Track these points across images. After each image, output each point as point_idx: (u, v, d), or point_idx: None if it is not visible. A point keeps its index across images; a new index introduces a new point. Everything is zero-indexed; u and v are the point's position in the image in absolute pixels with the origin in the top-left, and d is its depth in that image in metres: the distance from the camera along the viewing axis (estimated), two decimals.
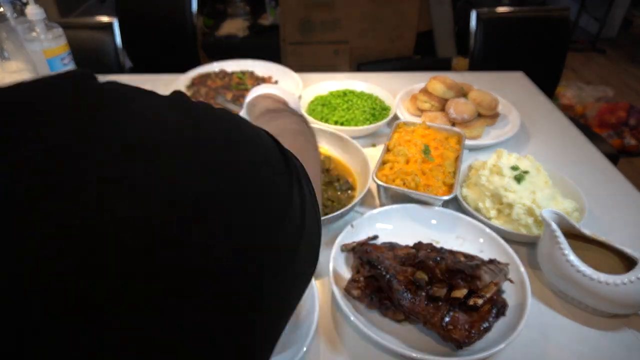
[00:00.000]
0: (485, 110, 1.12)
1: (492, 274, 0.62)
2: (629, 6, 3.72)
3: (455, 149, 0.93)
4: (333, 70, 1.56)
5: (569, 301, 0.69)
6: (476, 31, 1.66)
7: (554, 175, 0.88)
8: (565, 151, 1.07)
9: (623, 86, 3.17)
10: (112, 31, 1.58)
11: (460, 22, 2.71)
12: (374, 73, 1.47)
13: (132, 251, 0.19)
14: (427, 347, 0.61)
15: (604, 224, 0.85)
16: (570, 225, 0.70)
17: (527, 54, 1.72)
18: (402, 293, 0.62)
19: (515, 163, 0.85)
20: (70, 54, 1.22)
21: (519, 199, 0.79)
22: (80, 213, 0.18)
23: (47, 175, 0.19)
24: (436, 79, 1.15)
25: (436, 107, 1.14)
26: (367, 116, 1.12)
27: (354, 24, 2.36)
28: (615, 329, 0.65)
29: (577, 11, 3.58)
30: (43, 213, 0.18)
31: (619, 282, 0.62)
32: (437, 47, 2.68)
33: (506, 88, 1.32)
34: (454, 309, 0.61)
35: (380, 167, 0.87)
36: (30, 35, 1.14)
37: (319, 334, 0.65)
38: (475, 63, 1.70)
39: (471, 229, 0.79)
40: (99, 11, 3.26)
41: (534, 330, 0.65)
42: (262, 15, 3.39)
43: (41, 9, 1.13)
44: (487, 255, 0.72)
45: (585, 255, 0.67)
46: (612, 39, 3.78)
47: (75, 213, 0.18)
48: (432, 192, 0.81)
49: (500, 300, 0.63)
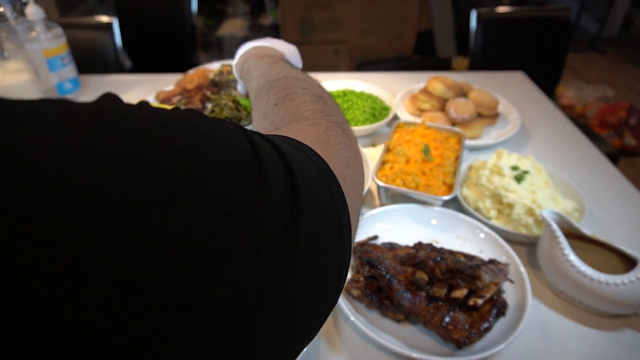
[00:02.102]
0: (485, 110, 1.12)
1: (492, 274, 0.62)
2: (629, 6, 3.72)
3: (455, 149, 0.93)
4: (333, 70, 1.56)
5: (569, 301, 0.69)
6: (476, 31, 1.66)
7: (554, 175, 0.88)
8: (565, 151, 1.07)
9: (623, 86, 3.17)
10: (111, 31, 1.58)
11: (460, 22, 2.71)
12: (374, 73, 1.47)
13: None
14: (427, 347, 0.61)
15: (604, 224, 0.85)
16: (570, 225, 0.70)
17: (527, 54, 1.72)
18: (402, 293, 0.62)
19: (515, 163, 0.85)
20: (70, 53, 1.22)
21: (519, 199, 0.79)
22: None
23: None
24: (436, 79, 1.15)
25: (436, 107, 1.14)
26: (367, 116, 1.12)
27: (354, 24, 2.36)
28: (615, 329, 0.65)
29: (577, 11, 3.58)
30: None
31: (619, 282, 0.62)
32: (437, 47, 2.68)
33: (506, 88, 1.32)
34: (454, 309, 0.61)
35: (380, 167, 0.87)
36: (30, 35, 1.14)
37: (319, 333, 0.65)
38: (475, 63, 1.70)
39: (471, 229, 0.79)
40: (99, 11, 3.26)
41: (534, 330, 0.65)
42: (262, 15, 3.39)
43: (41, 8, 1.13)
44: (487, 255, 0.72)
45: (585, 255, 0.67)
46: (612, 39, 3.78)
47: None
48: (432, 192, 0.81)
49: (500, 300, 0.63)
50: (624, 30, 3.85)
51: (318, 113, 0.40)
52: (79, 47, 1.34)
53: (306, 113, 0.40)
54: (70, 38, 1.23)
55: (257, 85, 0.52)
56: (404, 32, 2.41)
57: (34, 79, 1.16)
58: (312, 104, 0.42)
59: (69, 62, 1.23)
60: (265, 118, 0.45)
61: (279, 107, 0.44)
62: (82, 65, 1.31)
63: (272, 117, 0.43)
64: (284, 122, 0.41)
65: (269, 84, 0.48)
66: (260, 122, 0.47)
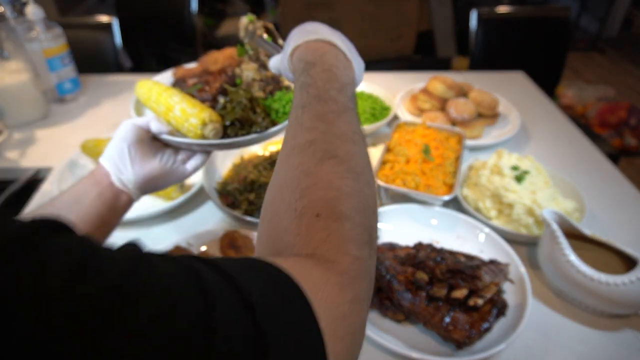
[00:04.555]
0: (486, 110, 1.12)
1: (492, 274, 0.62)
2: (629, 6, 3.72)
3: (455, 149, 0.93)
4: None
5: (569, 301, 0.69)
6: (476, 31, 1.66)
7: (554, 175, 0.88)
8: (565, 151, 1.07)
9: (623, 86, 3.16)
10: (111, 31, 1.58)
11: (460, 22, 2.71)
12: (374, 73, 1.47)
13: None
14: (427, 347, 0.61)
15: (604, 224, 0.84)
16: (571, 225, 0.70)
17: (527, 54, 1.72)
18: (402, 293, 0.62)
19: (515, 163, 0.85)
20: (69, 53, 1.23)
21: (519, 199, 0.79)
22: None
23: None
24: (436, 78, 1.15)
25: (436, 107, 1.14)
26: (367, 116, 1.12)
27: (354, 24, 2.36)
28: (615, 329, 0.65)
29: (577, 11, 3.58)
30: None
31: (619, 282, 0.62)
32: (437, 47, 2.68)
33: (506, 88, 1.32)
34: (454, 309, 0.61)
35: (380, 167, 0.87)
36: (29, 35, 1.14)
37: None
38: (475, 63, 1.70)
39: (471, 229, 0.79)
40: (99, 11, 3.25)
41: (534, 330, 0.65)
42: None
43: (40, 8, 1.13)
44: (487, 255, 0.72)
45: (586, 255, 0.67)
46: (612, 39, 3.78)
47: None
48: (432, 192, 0.81)
49: (501, 300, 0.63)
50: (624, 30, 3.85)
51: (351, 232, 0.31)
52: (79, 47, 1.34)
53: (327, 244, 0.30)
54: (70, 38, 1.23)
55: (301, 103, 0.40)
56: (404, 32, 2.41)
57: (33, 78, 1.16)
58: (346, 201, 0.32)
59: (69, 62, 1.23)
60: (292, 157, 0.36)
61: (305, 179, 0.34)
62: (82, 65, 1.31)
63: (296, 179, 0.34)
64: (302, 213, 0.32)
65: (307, 137, 0.37)
66: (289, 150, 0.37)
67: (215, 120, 0.62)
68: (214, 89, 0.70)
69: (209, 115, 0.62)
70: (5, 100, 1.13)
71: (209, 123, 0.61)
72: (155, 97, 0.66)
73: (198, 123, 0.61)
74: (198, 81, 0.73)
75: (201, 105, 0.64)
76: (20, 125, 1.17)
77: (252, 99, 0.68)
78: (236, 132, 0.65)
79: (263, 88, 0.72)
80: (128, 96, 1.32)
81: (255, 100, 0.68)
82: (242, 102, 0.66)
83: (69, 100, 1.28)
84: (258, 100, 0.69)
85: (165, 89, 0.67)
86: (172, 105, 0.64)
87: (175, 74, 0.78)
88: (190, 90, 0.70)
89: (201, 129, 0.61)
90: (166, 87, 0.67)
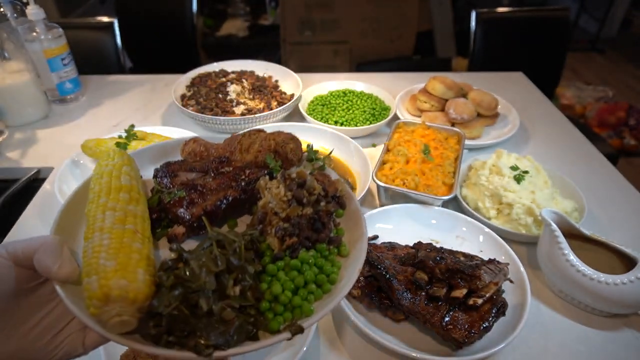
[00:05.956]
0: (485, 110, 1.12)
1: (492, 274, 0.62)
2: (628, 6, 3.73)
3: (455, 149, 0.93)
4: (333, 70, 1.57)
5: (569, 301, 0.69)
6: (476, 31, 1.66)
7: (553, 175, 0.88)
8: (565, 151, 1.07)
9: (623, 86, 3.17)
10: (112, 31, 1.58)
11: (460, 22, 2.71)
12: (374, 73, 1.47)
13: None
14: (427, 347, 0.61)
15: (604, 224, 0.85)
16: (570, 225, 0.70)
17: (527, 54, 1.73)
18: (402, 293, 0.62)
19: (514, 163, 0.86)
20: (70, 54, 1.23)
21: (518, 198, 0.79)
22: None
23: None
24: (436, 79, 1.15)
25: (436, 107, 1.14)
26: (367, 116, 1.12)
27: (354, 24, 2.36)
28: (615, 329, 0.66)
29: (577, 11, 3.59)
30: None
31: (618, 282, 0.62)
32: (437, 47, 2.68)
33: (506, 88, 1.32)
34: (454, 309, 0.61)
35: (380, 167, 0.87)
36: (30, 35, 1.14)
37: (319, 333, 0.65)
38: (475, 63, 1.70)
39: (471, 228, 0.79)
40: (99, 11, 3.26)
41: (534, 330, 0.65)
42: (262, 15, 3.39)
43: (41, 9, 1.13)
44: (487, 255, 0.72)
45: (585, 255, 0.67)
46: (612, 39, 3.78)
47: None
48: (432, 192, 0.81)
49: (500, 300, 0.63)
50: (624, 30, 3.86)
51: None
52: (80, 47, 1.34)
53: None
54: (70, 38, 1.23)
55: None
56: (404, 32, 2.42)
57: (34, 79, 1.17)
58: None
59: (70, 62, 1.23)
60: None
61: None
62: (82, 66, 1.32)
63: None
64: None
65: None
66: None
67: (130, 302, 0.34)
68: (208, 202, 0.42)
69: (124, 289, 0.34)
70: (6, 100, 1.13)
71: (113, 303, 0.34)
72: (95, 194, 0.42)
73: (97, 292, 0.34)
74: (194, 179, 0.46)
75: (135, 254, 0.36)
76: (21, 125, 1.17)
77: (255, 244, 0.41)
78: (165, 341, 0.35)
79: (286, 232, 0.42)
80: (128, 97, 1.33)
81: (256, 245, 0.41)
82: (217, 265, 0.37)
83: (69, 101, 1.28)
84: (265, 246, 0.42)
85: (116, 187, 0.41)
86: (93, 228, 0.38)
87: (182, 150, 0.53)
88: (170, 195, 0.44)
89: (97, 307, 0.34)
90: (118, 186, 0.42)
